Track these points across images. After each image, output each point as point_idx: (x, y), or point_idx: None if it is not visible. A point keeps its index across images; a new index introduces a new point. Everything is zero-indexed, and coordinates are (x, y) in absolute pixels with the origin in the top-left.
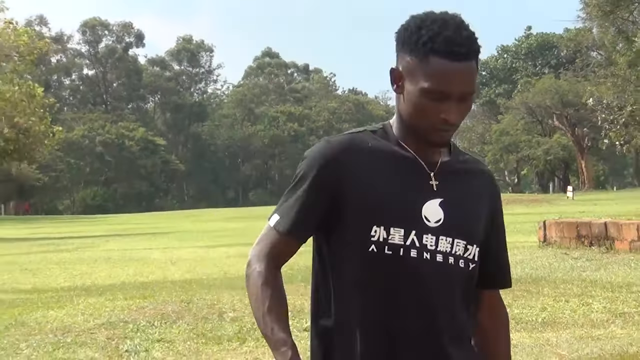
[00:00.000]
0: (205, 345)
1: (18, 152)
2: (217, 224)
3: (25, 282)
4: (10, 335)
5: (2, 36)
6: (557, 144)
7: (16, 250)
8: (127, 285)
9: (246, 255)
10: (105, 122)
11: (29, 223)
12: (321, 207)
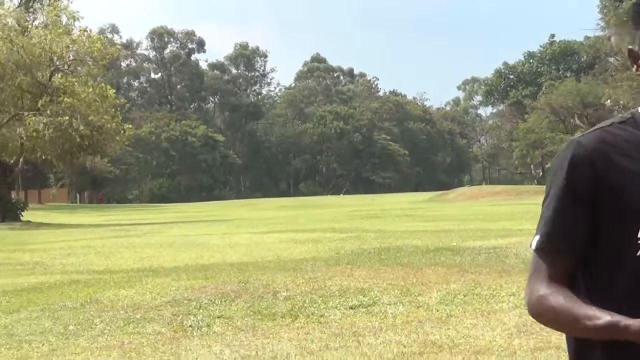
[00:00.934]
0: (261, 321)
1: (92, 147)
2: (270, 212)
3: (99, 264)
4: (85, 311)
5: (77, 43)
6: None
7: (91, 236)
8: (190, 267)
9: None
10: (170, 120)
11: (102, 211)
12: (581, 214)
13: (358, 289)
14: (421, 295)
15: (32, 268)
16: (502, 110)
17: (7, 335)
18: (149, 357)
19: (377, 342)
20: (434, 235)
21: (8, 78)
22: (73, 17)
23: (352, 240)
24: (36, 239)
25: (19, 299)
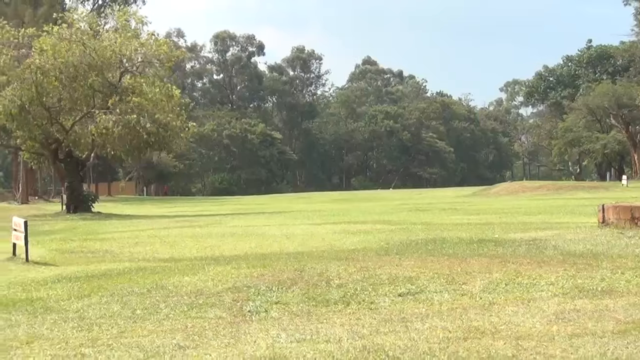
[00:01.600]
0: (315, 307)
1: (158, 143)
2: (324, 205)
3: (164, 252)
4: (151, 296)
5: (145, 46)
6: (613, 140)
7: (157, 226)
8: (249, 256)
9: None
10: (231, 118)
11: (167, 203)
12: None
13: (406, 277)
14: (465, 283)
15: (102, 256)
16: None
17: (79, 318)
18: (211, 340)
19: (423, 328)
20: (477, 228)
21: (81, 78)
22: (141, 22)
23: (401, 232)
24: (106, 229)
25: (90, 285)
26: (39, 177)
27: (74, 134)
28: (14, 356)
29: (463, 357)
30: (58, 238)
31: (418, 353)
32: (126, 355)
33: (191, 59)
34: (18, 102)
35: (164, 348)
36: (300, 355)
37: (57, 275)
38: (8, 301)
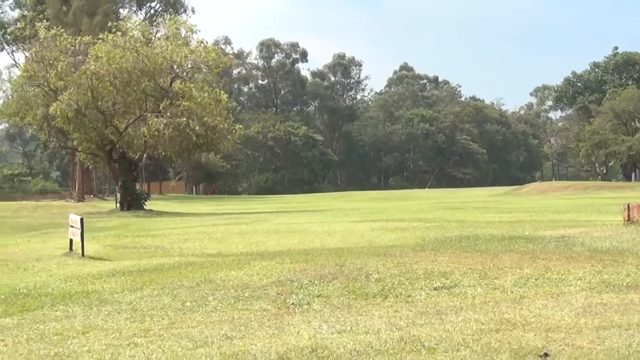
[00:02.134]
0: (355, 300)
1: (207, 145)
2: (363, 204)
3: (212, 248)
4: (200, 290)
5: (195, 53)
6: (638, 142)
7: (205, 223)
8: (292, 251)
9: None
10: (275, 121)
11: (215, 201)
12: None
13: (441, 272)
14: (497, 278)
15: (154, 251)
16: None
17: (131, 310)
18: (256, 330)
19: (458, 320)
20: (508, 225)
21: (134, 83)
22: (191, 30)
23: (436, 229)
24: (157, 226)
25: (142, 278)
26: (94, 177)
27: (127, 136)
28: (71, 345)
29: (495, 348)
30: (112, 234)
31: (452, 344)
32: (176, 345)
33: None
34: (75, 106)
35: (212, 338)
36: (341, 346)
37: (111, 269)
38: (65, 294)
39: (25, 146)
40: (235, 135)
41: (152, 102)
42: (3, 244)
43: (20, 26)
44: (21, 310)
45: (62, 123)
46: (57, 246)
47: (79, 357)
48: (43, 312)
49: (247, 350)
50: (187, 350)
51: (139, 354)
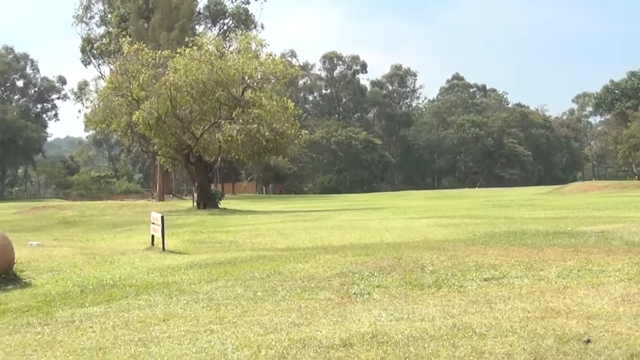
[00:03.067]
0: (411, 290)
1: (275, 149)
2: (418, 202)
3: (281, 243)
4: (270, 281)
5: (264, 65)
6: None
7: (274, 220)
8: (354, 246)
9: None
10: (338, 127)
11: (283, 200)
12: None
13: (491, 264)
14: (542, 270)
15: (228, 246)
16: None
17: (208, 299)
18: (321, 318)
19: (506, 308)
20: (552, 221)
21: (209, 93)
22: (260, 44)
23: (485, 225)
24: (231, 223)
25: (217, 271)
26: (173, 178)
27: (203, 141)
28: (152, 331)
29: (540, 334)
30: (190, 230)
31: (501, 330)
32: (249, 331)
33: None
34: (155, 114)
35: (281, 325)
36: (399, 332)
37: (189, 262)
38: (147, 285)
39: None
40: (301, 140)
41: (225, 110)
42: (91, 239)
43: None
44: (108, 299)
45: (144, 130)
46: (140, 241)
47: (160, 342)
48: (127, 301)
49: (313, 336)
50: (258, 336)
51: (215, 339)
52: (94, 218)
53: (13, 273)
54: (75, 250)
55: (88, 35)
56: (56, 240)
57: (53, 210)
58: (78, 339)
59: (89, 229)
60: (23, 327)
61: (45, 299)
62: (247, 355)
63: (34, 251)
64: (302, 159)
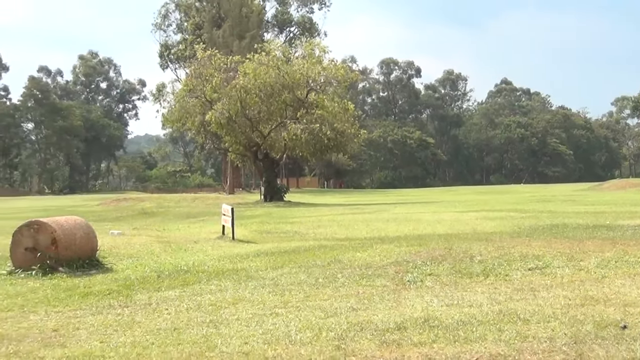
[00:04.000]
0: (461, 278)
1: (336, 147)
2: (468, 197)
3: (341, 233)
4: (330, 268)
5: (327, 70)
6: None
7: (335, 212)
8: (408, 236)
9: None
10: (394, 127)
11: (343, 194)
12: None
13: (534, 255)
14: (582, 260)
15: (292, 236)
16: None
17: (273, 284)
18: (378, 303)
19: (548, 296)
20: (592, 216)
21: (276, 95)
22: (323, 51)
23: (530, 219)
24: (295, 215)
25: (282, 258)
26: (242, 173)
27: (270, 139)
28: (222, 314)
29: (580, 320)
30: (257, 221)
31: (544, 316)
32: (311, 315)
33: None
34: (226, 114)
35: (340, 309)
36: (449, 317)
37: (257, 250)
38: (218, 271)
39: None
40: (360, 139)
41: (290, 110)
42: (167, 229)
43: (181, 48)
44: (182, 284)
45: (216, 128)
46: (212, 231)
47: (229, 324)
48: (200, 286)
49: (370, 320)
50: (319, 319)
51: (280, 322)
52: (170, 209)
53: (96, 259)
54: (152, 239)
55: (166, 41)
56: (135, 229)
57: (133, 202)
58: (155, 320)
59: (165, 219)
60: (105, 308)
61: (125, 283)
62: (309, 336)
63: (115, 239)
64: (361, 156)
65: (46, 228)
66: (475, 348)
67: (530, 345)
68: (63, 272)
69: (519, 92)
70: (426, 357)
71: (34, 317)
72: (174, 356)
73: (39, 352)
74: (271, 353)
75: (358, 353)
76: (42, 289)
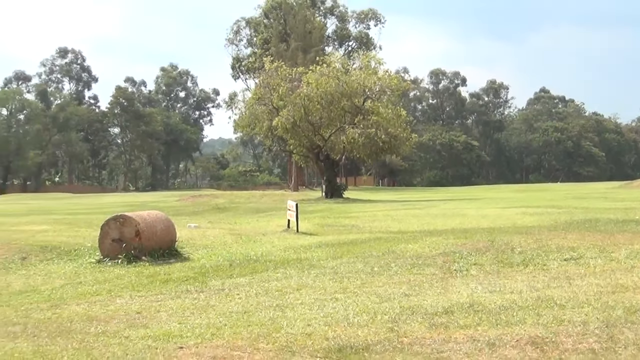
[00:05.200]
0: (503, 268)
1: (390, 149)
2: (509, 194)
3: (394, 227)
4: (385, 258)
5: (381, 80)
6: None
7: (388, 208)
8: (455, 230)
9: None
10: (442, 131)
11: (396, 192)
12: None
13: (569, 247)
14: (613, 252)
15: (350, 229)
16: None
17: (333, 273)
18: (427, 290)
19: (582, 284)
20: (622, 211)
21: (336, 103)
22: (379, 62)
23: (565, 214)
24: (352, 210)
25: (341, 249)
26: (305, 173)
27: (330, 142)
28: (288, 298)
29: (611, 306)
30: (319, 216)
31: (578, 302)
32: (367, 300)
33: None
34: (291, 120)
35: (393, 295)
36: (492, 302)
37: (318, 242)
38: (284, 260)
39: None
40: (411, 142)
41: (349, 117)
42: (238, 222)
43: (251, 60)
44: (251, 272)
45: (282, 132)
46: (278, 224)
47: (294, 307)
48: (267, 273)
49: (420, 304)
50: (375, 304)
51: (339, 306)
52: (240, 205)
53: (175, 249)
54: (225, 231)
55: (237, 54)
56: (210, 223)
57: (207, 198)
58: (227, 303)
59: (237, 214)
60: (183, 293)
61: (201, 270)
62: (366, 319)
63: (192, 232)
64: (412, 157)
65: (131, 221)
66: (516, 331)
67: (566, 329)
68: (145, 260)
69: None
70: (471, 338)
71: (119, 300)
72: (244, 336)
73: (125, 332)
74: (331, 334)
75: (409, 334)
76: (127, 275)
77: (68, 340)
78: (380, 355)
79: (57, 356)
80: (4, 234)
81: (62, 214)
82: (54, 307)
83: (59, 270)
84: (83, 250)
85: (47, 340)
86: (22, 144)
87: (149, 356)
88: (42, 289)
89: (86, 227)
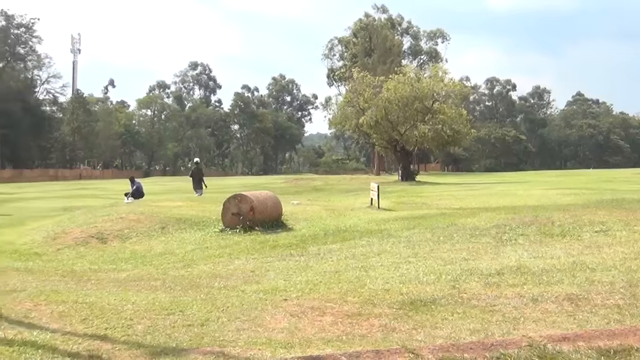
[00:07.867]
0: (544, 238)
1: (453, 142)
2: (550, 178)
3: (456, 204)
4: (449, 229)
5: (447, 86)
6: None
7: (452, 189)
8: (505, 207)
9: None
10: (496, 127)
11: (458, 176)
12: None
13: (599, 221)
14: (636, 225)
15: (420, 206)
16: None
17: (407, 241)
18: (483, 255)
19: (610, 251)
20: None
21: (410, 105)
22: (445, 72)
23: (597, 194)
24: (423, 191)
25: (413, 222)
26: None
27: (405, 136)
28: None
29: (634, 269)
30: (396, 195)
31: (606, 266)
32: (434, 263)
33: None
34: (374, 119)
35: (455, 259)
36: (535, 266)
37: (395, 216)
38: (368, 230)
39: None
40: (471, 136)
41: (420, 116)
42: (332, 200)
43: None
44: (341, 240)
45: (366, 129)
46: (363, 202)
47: (375, 269)
48: (354, 241)
49: (477, 267)
50: (440, 266)
51: (411, 267)
52: (334, 186)
53: (281, 221)
54: (321, 207)
55: (331, 66)
56: (309, 200)
57: (307, 181)
58: (322, 265)
59: (330, 193)
60: (287, 256)
61: (301, 238)
62: (432, 279)
63: (294, 207)
64: (472, 148)
65: (246, 199)
66: (555, 289)
67: (596, 288)
68: (258, 230)
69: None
70: (518, 295)
71: (237, 261)
72: (335, 291)
73: (241, 286)
74: (405, 290)
75: (468, 291)
76: (243, 242)
77: (197, 293)
78: (444, 307)
79: (188, 305)
80: (148, 209)
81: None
82: (186, 267)
83: (190, 238)
84: (209, 221)
85: (180, 292)
86: (163, 138)
87: (260, 306)
88: (177, 252)
89: (211, 203)
